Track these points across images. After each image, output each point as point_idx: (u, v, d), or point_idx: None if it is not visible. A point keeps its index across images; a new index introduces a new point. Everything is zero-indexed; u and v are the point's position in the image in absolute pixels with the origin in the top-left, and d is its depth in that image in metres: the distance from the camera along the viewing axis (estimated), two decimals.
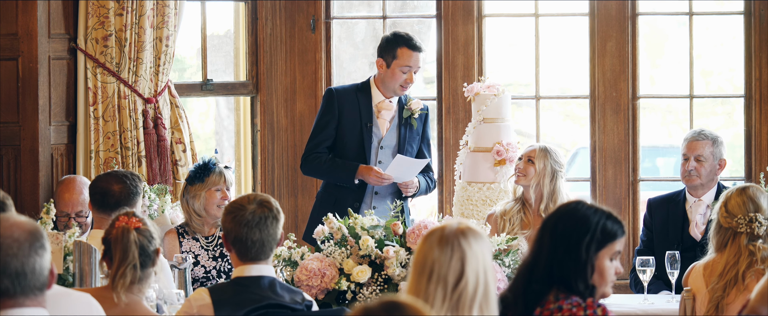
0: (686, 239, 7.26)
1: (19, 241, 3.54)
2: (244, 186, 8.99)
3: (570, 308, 4.16)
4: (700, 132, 7.37)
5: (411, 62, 7.35)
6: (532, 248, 4.26)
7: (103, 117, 8.02)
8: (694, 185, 7.30)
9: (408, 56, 7.35)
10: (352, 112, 7.45)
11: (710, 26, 15.45)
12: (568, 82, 15.49)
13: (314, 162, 7.47)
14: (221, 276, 6.68)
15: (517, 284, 4.25)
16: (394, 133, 7.51)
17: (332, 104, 7.47)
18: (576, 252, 4.19)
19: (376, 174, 7.29)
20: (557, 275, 4.19)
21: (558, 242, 4.20)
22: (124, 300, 4.79)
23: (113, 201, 5.97)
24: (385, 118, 7.49)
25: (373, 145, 7.46)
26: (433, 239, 3.97)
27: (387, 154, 7.49)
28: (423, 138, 7.60)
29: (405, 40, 7.36)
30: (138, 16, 8.03)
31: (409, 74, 7.37)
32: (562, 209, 4.28)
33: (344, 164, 7.40)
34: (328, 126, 7.48)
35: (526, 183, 7.16)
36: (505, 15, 9.34)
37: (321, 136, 7.48)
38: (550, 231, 4.23)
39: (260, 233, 4.89)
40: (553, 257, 4.20)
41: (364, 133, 7.45)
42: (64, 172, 8.00)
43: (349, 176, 7.36)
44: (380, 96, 7.49)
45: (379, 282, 6.14)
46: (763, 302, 4.09)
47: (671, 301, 6.58)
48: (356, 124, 7.45)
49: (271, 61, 8.73)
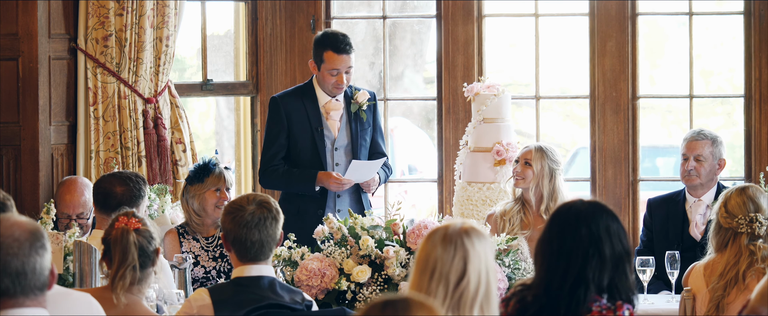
0: (686, 239, 7.26)
1: (19, 240, 3.54)
2: (244, 186, 9.00)
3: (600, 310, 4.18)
4: (699, 132, 7.38)
5: (338, 65, 7.17)
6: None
7: (104, 117, 8.02)
8: (694, 184, 7.31)
9: (334, 60, 7.17)
10: (300, 118, 7.29)
11: (710, 26, 15.45)
12: (568, 82, 15.49)
13: (272, 176, 7.31)
14: (221, 276, 6.68)
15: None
16: (345, 132, 7.36)
17: (279, 114, 7.30)
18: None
19: (335, 180, 7.16)
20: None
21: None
22: (123, 301, 4.79)
23: (115, 203, 5.96)
24: (334, 118, 7.32)
25: (327, 149, 7.32)
26: (436, 238, 3.98)
27: (341, 154, 7.35)
28: (375, 128, 7.43)
29: (330, 43, 7.18)
30: (138, 16, 8.03)
31: (339, 76, 7.19)
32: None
33: (302, 173, 7.26)
34: (278, 137, 7.31)
35: (525, 186, 7.15)
36: (505, 15, 9.35)
37: (274, 149, 7.32)
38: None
39: (260, 234, 4.89)
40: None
41: (316, 137, 7.29)
42: (65, 172, 8.00)
43: (308, 184, 7.22)
44: (325, 96, 7.32)
45: (379, 282, 6.14)
46: (764, 302, 4.08)
47: (671, 301, 6.58)
48: (307, 130, 7.29)
49: (271, 61, 8.73)
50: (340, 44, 7.16)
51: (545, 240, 4.25)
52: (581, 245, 4.17)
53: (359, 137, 7.35)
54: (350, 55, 7.21)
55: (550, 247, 4.22)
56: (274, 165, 7.32)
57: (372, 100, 7.42)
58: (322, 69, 7.22)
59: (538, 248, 4.27)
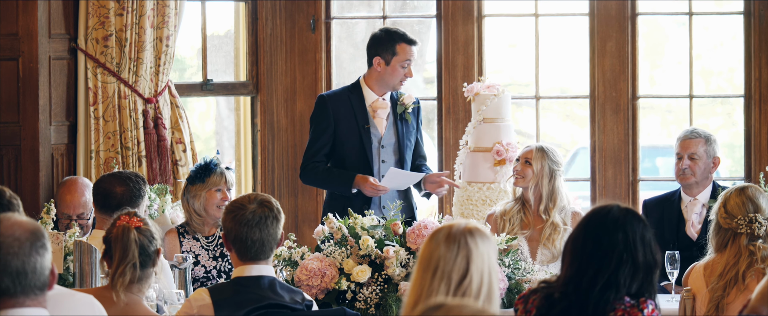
0: (681, 239, 7.26)
1: (20, 240, 3.54)
2: (244, 186, 9.00)
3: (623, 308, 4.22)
4: (692, 130, 7.39)
5: (411, 56, 7.39)
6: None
7: (104, 117, 8.02)
8: (689, 183, 7.31)
9: (408, 51, 7.37)
10: (347, 116, 7.44)
11: (710, 26, 15.44)
12: (568, 82, 15.48)
13: (312, 172, 7.45)
14: (221, 276, 6.68)
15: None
16: (391, 130, 7.51)
17: (326, 111, 7.45)
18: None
19: (371, 185, 7.25)
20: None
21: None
22: (123, 299, 4.79)
23: (115, 203, 5.96)
24: (381, 116, 7.48)
25: (373, 146, 7.45)
26: (440, 236, 3.99)
27: (389, 152, 7.48)
28: (418, 131, 7.61)
29: (401, 36, 7.40)
30: (138, 16, 8.03)
31: (408, 68, 7.40)
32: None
33: (340, 173, 7.38)
34: (324, 134, 7.44)
35: (525, 185, 7.15)
36: (505, 15, 9.36)
37: (318, 145, 7.45)
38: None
39: (260, 233, 4.89)
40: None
41: (363, 135, 7.43)
42: (65, 172, 8.00)
43: (346, 186, 7.33)
44: (373, 95, 7.48)
45: (379, 282, 6.14)
46: (764, 301, 4.09)
47: (671, 301, 6.58)
48: (354, 128, 7.43)
49: (271, 61, 8.74)
50: (411, 37, 7.41)
51: (578, 240, 4.30)
52: (616, 249, 4.25)
53: (405, 137, 7.50)
54: (417, 47, 7.46)
55: (583, 248, 4.28)
56: (315, 162, 7.44)
57: (417, 103, 7.58)
58: (393, 62, 7.39)
59: (567, 247, 4.32)
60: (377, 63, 7.43)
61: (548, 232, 7.03)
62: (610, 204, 4.34)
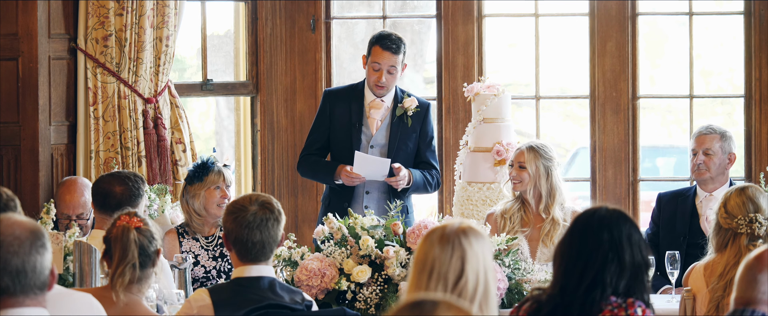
0: (693, 233, 7.24)
1: (20, 239, 3.54)
2: (244, 186, 8.99)
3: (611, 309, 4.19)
4: (708, 126, 7.41)
5: (380, 60, 7.34)
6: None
7: (103, 117, 8.02)
8: (704, 178, 7.31)
9: (377, 54, 7.36)
10: (343, 113, 7.48)
11: (710, 26, 15.45)
12: (568, 82, 15.49)
13: (304, 164, 7.57)
14: (221, 276, 6.68)
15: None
16: (384, 131, 7.48)
17: (324, 106, 7.54)
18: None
19: (346, 173, 7.29)
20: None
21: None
22: (123, 300, 4.79)
23: (114, 202, 5.96)
24: (374, 116, 7.48)
25: (362, 145, 7.46)
26: (434, 238, 3.99)
27: (376, 153, 7.46)
28: (421, 137, 7.53)
29: (377, 38, 7.41)
30: (138, 16, 8.03)
31: (379, 72, 7.36)
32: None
33: (326, 164, 7.48)
34: (319, 128, 7.53)
35: (523, 188, 7.13)
36: (505, 15, 9.35)
37: (312, 138, 7.56)
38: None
39: (261, 234, 4.89)
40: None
41: (353, 133, 7.44)
42: (64, 172, 8.00)
43: (330, 176, 7.41)
44: (371, 95, 7.50)
45: (379, 282, 6.14)
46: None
47: (671, 301, 6.58)
48: (346, 125, 7.47)
49: (271, 61, 8.74)
50: (387, 41, 7.36)
51: (565, 243, 4.26)
52: (601, 249, 4.20)
53: (399, 140, 7.46)
54: (395, 55, 7.37)
55: (569, 249, 4.24)
56: (308, 154, 7.55)
57: (420, 108, 7.51)
58: (368, 63, 7.42)
59: (557, 251, 4.28)
60: (363, 61, 7.52)
61: (548, 228, 7.02)
62: (600, 206, 4.31)
